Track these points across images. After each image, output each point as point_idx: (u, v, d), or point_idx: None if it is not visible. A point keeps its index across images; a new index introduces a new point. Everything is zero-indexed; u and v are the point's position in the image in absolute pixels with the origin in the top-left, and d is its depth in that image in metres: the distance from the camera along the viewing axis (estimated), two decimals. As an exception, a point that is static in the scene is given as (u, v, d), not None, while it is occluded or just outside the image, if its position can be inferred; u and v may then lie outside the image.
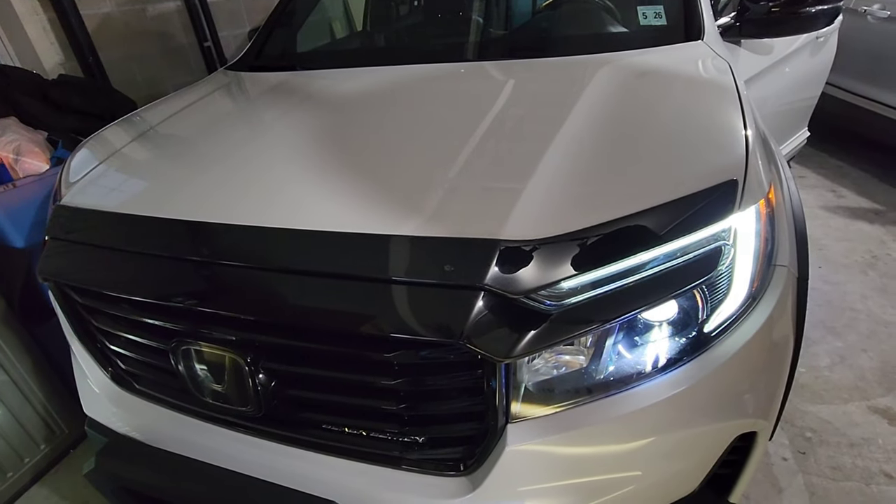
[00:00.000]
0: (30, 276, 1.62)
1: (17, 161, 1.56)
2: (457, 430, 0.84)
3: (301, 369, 0.85)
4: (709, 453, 0.88)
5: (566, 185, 0.84)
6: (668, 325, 0.81)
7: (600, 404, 0.79)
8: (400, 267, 0.76)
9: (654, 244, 0.77)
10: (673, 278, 0.78)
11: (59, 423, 1.75)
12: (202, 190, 1.02)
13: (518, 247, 0.75)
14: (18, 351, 1.62)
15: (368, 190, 0.91)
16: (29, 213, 1.59)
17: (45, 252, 1.04)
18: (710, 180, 0.83)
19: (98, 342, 1.09)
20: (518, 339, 0.72)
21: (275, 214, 0.89)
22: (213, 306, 0.83)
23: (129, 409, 1.07)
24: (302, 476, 0.89)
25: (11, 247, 1.57)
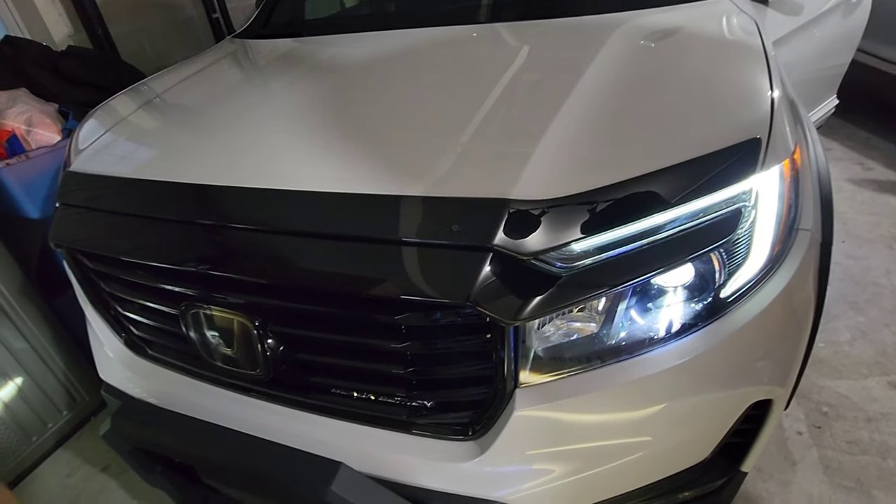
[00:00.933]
0: (45, 248, 1.65)
1: (30, 132, 1.57)
2: (465, 395, 0.83)
3: (309, 333, 0.85)
4: (722, 421, 0.86)
5: (580, 145, 0.81)
6: (683, 290, 0.79)
7: (611, 369, 0.78)
8: (408, 227, 0.74)
9: (670, 205, 0.74)
10: (689, 241, 0.75)
11: (79, 391, 1.80)
12: (210, 154, 1.01)
13: (528, 207, 0.72)
14: (37, 320, 1.66)
15: (377, 153, 0.89)
16: (42, 185, 1.61)
17: (55, 218, 1.04)
18: (731, 139, 0.79)
19: (111, 308, 1.10)
20: (527, 302, 0.70)
21: (283, 177, 0.87)
22: (222, 269, 0.83)
23: (142, 374, 1.08)
24: (310, 439, 0.89)
25: (26, 218, 1.59)
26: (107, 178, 1.02)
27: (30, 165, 1.56)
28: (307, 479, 0.81)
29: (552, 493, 0.83)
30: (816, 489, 1.31)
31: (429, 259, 0.73)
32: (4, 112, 1.55)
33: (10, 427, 1.63)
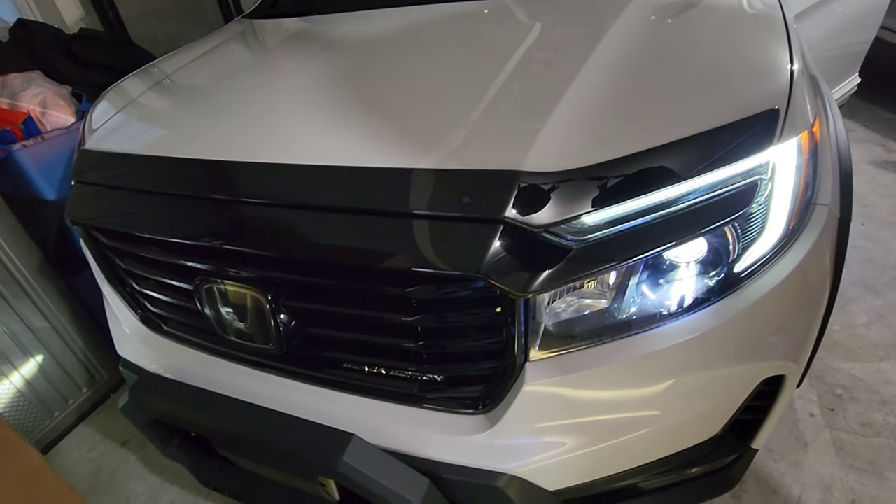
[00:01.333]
0: (62, 228, 1.68)
1: (44, 114, 1.58)
2: (475, 369, 0.84)
3: (321, 307, 0.86)
4: (733, 397, 0.86)
5: (593, 117, 0.80)
6: (696, 264, 0.78)
7: (621, 344, 0.78)
8: (418, 200, 0.74)
9: (684, 178, 0.73)
10: (703, 214, 0.74)
11: (98, 369, 1.85)
12: (221, 130, 1.01)
13: (539, 179, 0.72)
14: (56, 300, 1.70)
15: (388, 127, 0.88)
16: (58, 166, 1.63)
17: (71, 196, 1.06)
18: (748, 110, 0.77)
19: (127, 285, 1.12)
20: (537, 275, 0.70)
21: (295, 151, 0.87)
22: (234, 243, 0.84)
23: (158, 350, 1.11)
24: (323, 413, 0.90)
25: (43, 199, 1.62)
26: (121, 155, 1.03)
27: (45, 147, 1.59)
28: (320, 450, 0.83)
29: (561, 465, 0.84)
30: (828, 470, 1.31)
31: (440, 231, 0.72)
32: (19, 94, 1.57)
33: (33, 403, 1.68)
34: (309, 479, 0.94)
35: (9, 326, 1.59)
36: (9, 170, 1.55)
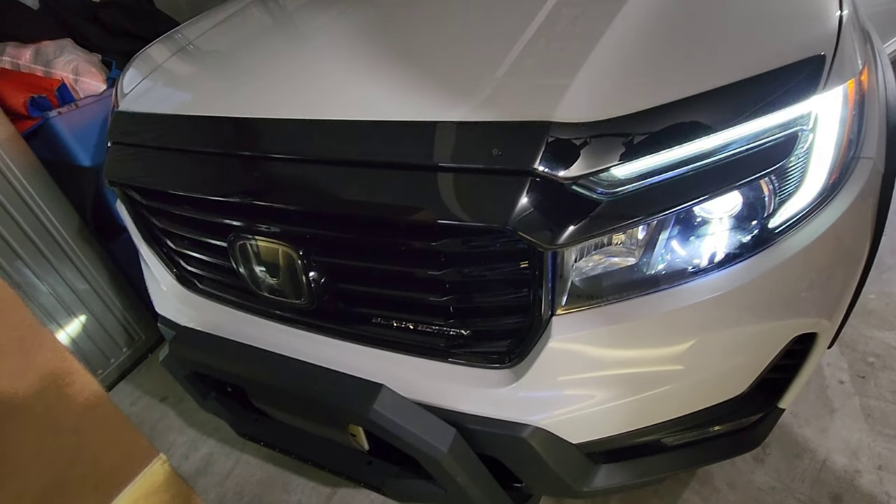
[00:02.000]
0: (98, 194, 1.74)
1: (77, 81, 1.62)
2: (501, 324, 0.85)
3: (351, 262, 0.87)
4: (762, 354, 0.85)
5: (627, 65, 0.77)
6: (730, 219, 0.76)
7: (649, 299, 0.77)
8: (447, 153, 0.74)
9: (720, 129, 0.71)
10: (739, 167, 0.72)
11: (136, 330, 1.94)
12: (249, 89, 1.02)
13: (570, 130, 0.71)
14: (96, 264, 1.77)
15: (416, 80, 0.87)
16: (92, 133, 1.67)
17: (108, 157, 1.09)
18: (792, 56, 0.74)
19: (162, 244, 1.16)
20: (565, 228, 0.70)
21: (322, 107, 0.88)
22: (264, 199, 0.86)
23: (194, 307, 1.15)
24: (352, 367, 0.93)
25: (79, 166, 1.67)
26: (154, 115, 1.05)
27: (79, 114, 1.63)
28: (351, 399, 0.86)
29: (585, 419, 0.86)
30: (855, 436, 1.29)
31: (468, 184, 0.73)
32: (53, 61, 1.60)
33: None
34: (340, 429, 0.98)
35: (54, 289, 1.67)
36: (46, 136, 1.60)
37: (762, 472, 1.25)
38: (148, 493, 0.55)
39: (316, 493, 1.41)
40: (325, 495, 1.40)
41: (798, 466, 1.25)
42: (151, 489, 0.55)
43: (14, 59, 1.57)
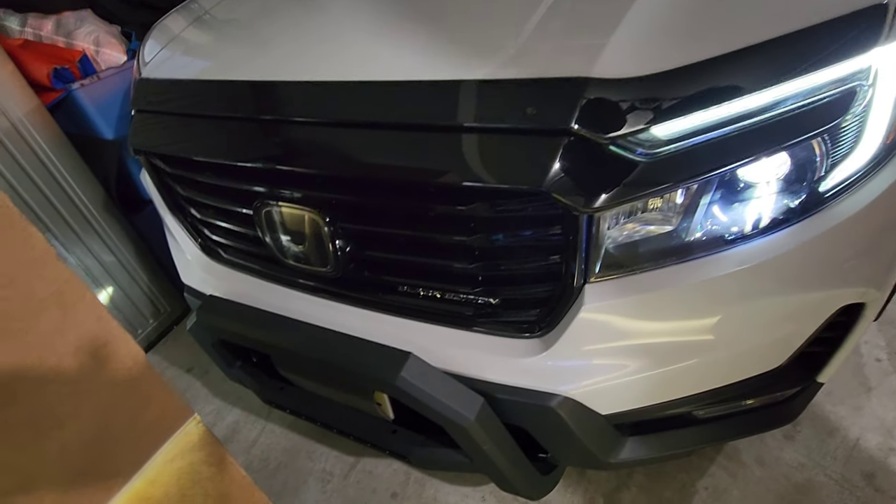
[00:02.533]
0: (121, 167, 1.75)
1: (98, 52, 1.61)
2: (531, 292, 0.83)
3: (378, 228, 0.86)
4: (804, 326, 0.82)
5: (670, 16, 0.73)
6: (777, 182, 0.72)
7: (687, 267, 0.74)
8: (478, 112, 0.71)
9: (770, 84, 0.67)
10: (789, 125, 0.68)
11: (162, 303, 1.97)
12: (272, 52, 1.00)
13: (609, 87, 0.67)
14: (121, 236, 1.80)
15: (445, 37, 0.84)
16: (114, 105, 1.67)
17: (132, 126, 1.09)
18: (849, 5, 0.68)
19: (187, 214, 1.16)
20: (602, 190, 0.67)
21: (347, 68, 0.85)
22: (290, 164, 0.84)
23: (219, 277, 1.15)
24: (379, 336, 0.93)
25: (103, 138, 1.68)
26: (176, 81, 1.04)
27: (101, 86, 1.62)
28: (379, 366, 0.86)
29: (615, 390, 0.84)
30: (892, 414, 1.26)
31: (500, 145, 0.70)
32: (74, 32, 1.59)
33: (106, 331, 1.82)
34: (365, 397, 0.98)
35: (82, 261, 1.70)
36: (69, 109, 1.61)
37: (792, 450, 1.23)
38: (184, 450, 0.55)
39: (340, 462, 1.43)
40: (349, 464, 1.42)
41: (830, 444, 1.22)
42: (187, 447, 0.55)
43: (36, 31, 1.57)
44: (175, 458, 0.58)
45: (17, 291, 0.42)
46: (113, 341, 0.50)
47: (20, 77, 1.46)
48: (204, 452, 0.62)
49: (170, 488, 0.58)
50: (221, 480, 0.65)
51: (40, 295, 0.43)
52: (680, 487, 1.21)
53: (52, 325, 0.45)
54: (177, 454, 0.58)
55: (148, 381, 0.54)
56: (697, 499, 1.18)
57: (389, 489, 1.34)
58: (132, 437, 0.54)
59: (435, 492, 1.31)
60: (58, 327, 0.45)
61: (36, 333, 0.43)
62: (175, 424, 0.58)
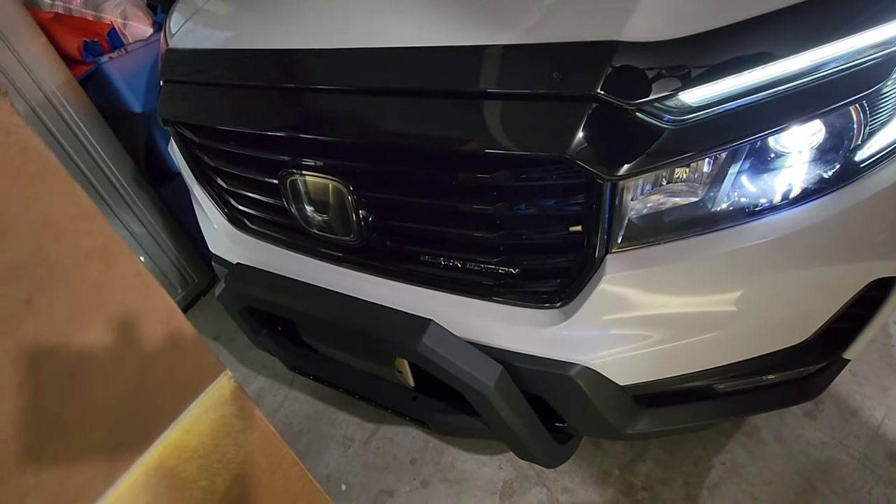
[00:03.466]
0: (150, 140, 1.79)
1: (126, 25, 1.63)
2: (552, 262, 0.83)
3: (401, 197, 0.87)
4: (832, 300, 0.80)
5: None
6: (810, 150, 0.70)
7: (713, 237, 0.73)
8: (502, 78, 0.71)
9: (807, 48, 0.64)
10: (827, 91, 0.66)
11: (189, 273, 2.03)
12: (294, 19, 0.99)
13: (638, 50, 0.66)
14: (150, 208, 1.85)
15: (466, 4, 0.82)
16: (141, 78, 1.70)
17: (161, 96, 1.11)
18: (896, -37, 0.65)
19: (214, 185, 1.19)
20: (627, 157, 0.66)
21: (370, 35, 0.85)
22: (314, 132, 0.85)
23: (245, 247, 1.18)
24: (399, 305, 0.94)
25: (131, 112, 1.71)
26: (203, 51, 1.05)
27: (129, 59, 1.65)
28: (400, 332, 0.88)
29: (634, 360, 0.84)
30: (919, 396, 1.23)
31: (525, 111, 0.69)
32: (102, 5, 1.61)
33: (138, 299, 1.89)
34: (386, 364, 1.01)
35: (114, 231, 1.76)
36: (99, 82, 1.64)
37: (813, 428, 1.22)
38: (217, 403, 0.58)
39: (360, 428, 1.48)
40: (369, 430, 1.47)
41: (853, 424, 1.21)
42: (220, 401, 0.58)
43: (66, 3, 1.59)
44: (209, 410, 0.61)
45: (66, 244, 0.44)
46: (151, 296, 0.52)
47: (52, 50, 1.49)
48: (235, 407, 0.65)
49: (204, 438, 0.61)
50: (251, 433, 0.68)
51: (86, 248, 0.45)
52: (696, 462, 1.22)
53: (98, 278, 0.47)
54: (210, 406, 0.61)
55: (183, 335, 0.57)
56: (714, 473, 1.19)
57: (409, 455, 1.38)
58: (170, 388, 0.56)
59: (453, 459, 1.35)
60: (103, 280, 0.48)
61: (84, 284, 0.46)
62: (208, 378, 0.61)
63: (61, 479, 0.48)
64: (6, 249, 0.41)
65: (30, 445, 0.45)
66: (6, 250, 0.41)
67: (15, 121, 0.40)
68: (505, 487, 1.26)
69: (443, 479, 1.31)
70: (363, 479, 1.36)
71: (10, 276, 0.42)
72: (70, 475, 0.49)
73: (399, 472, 1.35)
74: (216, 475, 0.64)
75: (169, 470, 0.58)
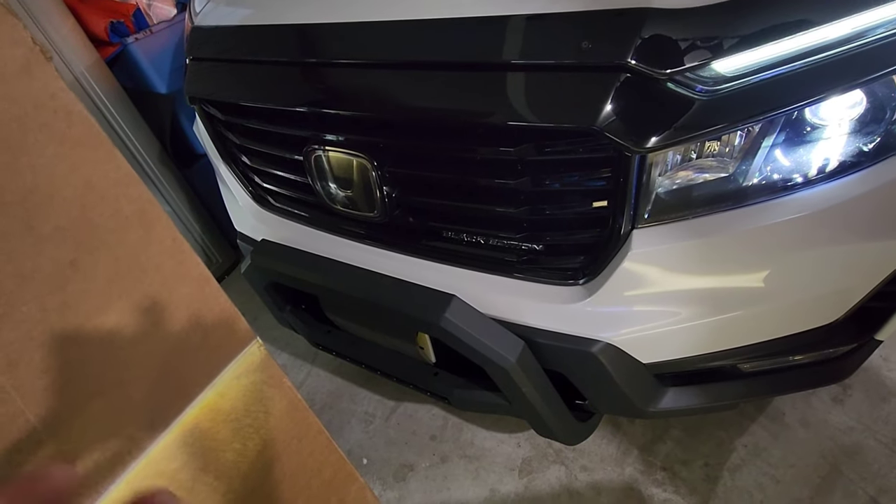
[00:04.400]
0: (175, 121, 1.82)
1: (150, 6, 1.65)
2: (577, 238, 0.83)
3: (425, 172, 0.87)
4: (867, 278, 0.78)
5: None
6: (850, 122, 0.68)
7: (743, 213, 0.72)
8: (530, 49, 0.70)
9: (849, 13, 0.62)
10: (868, 60, 0.63)
11: (214, 253, 2.08)
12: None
13: (670, 17, 0.64)
14: (175, 188, 1.89)
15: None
16: (166, 59, 1.72)
17: (187, 74, 1.12)
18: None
19: (239, 163, 1.20)
20: (657, 129, 0.65)
21: (393, 8, 0.84)
22: (337, 107, 0.85)
23: (269, 225, 1.20)
24: (422, 282, 0.95)
25: (157, 93, 1.74)
26: (229, 28, 1.05)
27: (154, 40, 1.67)
28: (423, 307, 0.88)
29: (658, 338, 0.84)
30: (953, 382, 1.20)
31: (552, 83, 0.68)
32: (127, -14, 1.63)
33: (165, 278, 1.94)
34: (408, 340, 1.02)
35: (141, 210, 1.80)
36: (125, 63, 1.67)
37: (840, 413, 1.20)
38: (248, 370, 0.59)
39: (381, 405, 1.51)
40: (390, 407, 1.49)
41: (882, 409, 1.19)
42: (251, 367, 0.60)
43: (93, -15, 1.61)
44: (241, 375, 0.63)
45: (108, 208, 0.45)
46: (187, 261, 0.54)
47: (81, 31, 1.52)
48: (265, 374, 0.67)
49: (236, 402, 0.63)
50: (280, 401, 0.70)
51: (126, 212, 0.47)
52: (718, 444, 1.21)
53: (137, 242, 0.48)
54: (242, 372, 0.63)
55: (217, 300, 0.58)
56: (735, 456, 1.18)
57: (428, 432, 1.40)
58: (205, 352, 0.58)
59: (472, 436, 1.36)
60: (142, 244, 0.49)
61: (124, 248, 0.47)
62: (241, 345, 0.63)
63: (105, 435, 0.51)
64: (54, 213, 0.42)
65: (75, 401, 0.47)
66: (54, 214, 0.43)
67: (60, 85, 0.41)
68: (524, 464, 1.27)
69: (462, 456, 1.33)
70: (384, 453, 1.39)
71: (57, 239, 0.43)
72: (113, 432, 0.51)
73: (419, 448, 1.37)
74: (248, 439, 0.66)
75: (204, 431, 0.60)
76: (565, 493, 1.20)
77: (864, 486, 1.08)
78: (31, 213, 0.41)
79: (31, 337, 0.43)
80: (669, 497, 1.14)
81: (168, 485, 0.56)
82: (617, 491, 1.18)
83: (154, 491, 0.43)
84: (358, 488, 0.82)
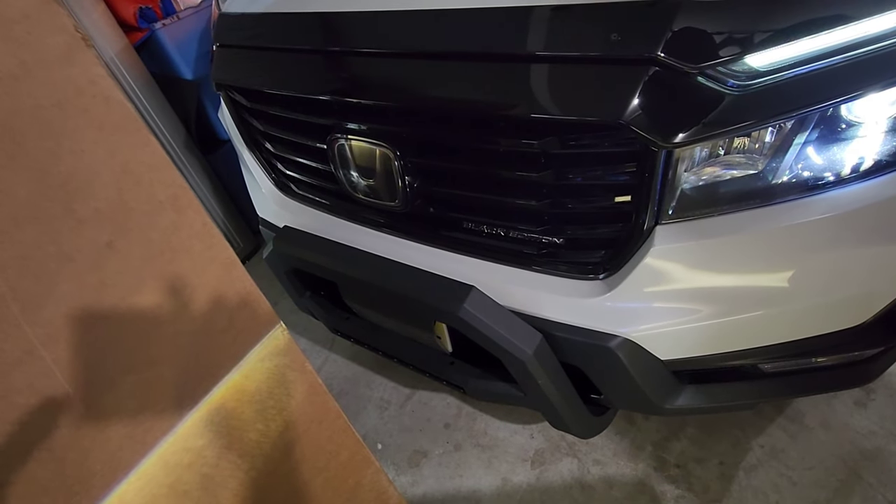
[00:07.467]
0: (200, 107, 1.84)
1: (177, -8, 1.67)
2: (599, 232, 0.82)
3: (447, 163, 0.87)
4: None
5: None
6: (887, 120, 0.66)
7: (771, 211, 0.71)
8: (557, 40, 0.69)
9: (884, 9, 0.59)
10: (910, 55, 0.61)
11: (236, 239, 2.12)
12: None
13: (702, 9, 0.63)
14: (200, 173, 1.92)
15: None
16: (192, 46, 1.75)
17: (214, 60, 1.14)
18: None
19: (263, 150, 1.22)
20: (686, 124, 0.64)
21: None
22: (361, 96, 0.86)
23: (291, 211, 1.22)
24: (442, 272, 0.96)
25: (183, 79, 1.77)
26: (256, 15, 1.06)
27: (181, 26, 1.70)
28: (442, 297, 0.89)
29: (677, 335, 0.83)
30: (983, 390, 1.17)
31: (578, 75, 0.68)
32: (155, -28, 1.65)
33: (188, 261, 1.99)
34: (426, 329, 1.03)
35: (166, 194, 1.84)
36: (152, 49, 1.70)
37: (863, 417, 1.18)
38: (272, 353, 0.61)
39: (396, 392, 1.53)
40: (405, 395, 1.51)
41: (906, 414, 1.16)
42: (275, 350, 0.61)
43: (122, -29, 1.64)
44: (265, 358, 0.65)
45: (143, 192, 0.47)
46: (216, 245, 0.55)
47: (111, 16, 1.55)
48: (288, 358, 0.69)
49: (261, 385, 0.65)
50: (302, 385, 0.72)
51: (160, 197, 0.48)
52: (734, 443, 1.20)
53: (169, 226, 0.50)
54: (266, 355, 0.65)
55: (243, 284, 0.60)
56: (751, 455, 1.17)
57: (443, 420, 1.42)
58: (231, 334, 0.60)
59: (485, 426, 1.38)
60: (173, 228, 0.50)
61: (157, 231, 0.49)
62: (265, 328, 0.64)
63: (137, 410, 0.53)
64: (93, 196, 0.44)
65: (111, 376, 0.49)
66: (93, 197, 0.44)
67: (99, 72, 0.42)
68: (536, 456, 1.28)
69: (475, 444, 1.34)
70: (398, 439, 1.41)
71: (95, 221, 0.45)
72: (145, 407, 0.53)
73: (433, 435, 1.39)
74: (270, 420, 0.68)
75: (229, 411, 0.62)
76: (577, 485, 1.21)
77: (884, 492, 1.06)
78: (71, 196, 0.43)
79: (71, 314, 0.45)
80: (682, 493, 1.14)
81: (194, 461, 0.59)
82: (629, 486, 1.18)
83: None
84: (373, 471, 0.84)
